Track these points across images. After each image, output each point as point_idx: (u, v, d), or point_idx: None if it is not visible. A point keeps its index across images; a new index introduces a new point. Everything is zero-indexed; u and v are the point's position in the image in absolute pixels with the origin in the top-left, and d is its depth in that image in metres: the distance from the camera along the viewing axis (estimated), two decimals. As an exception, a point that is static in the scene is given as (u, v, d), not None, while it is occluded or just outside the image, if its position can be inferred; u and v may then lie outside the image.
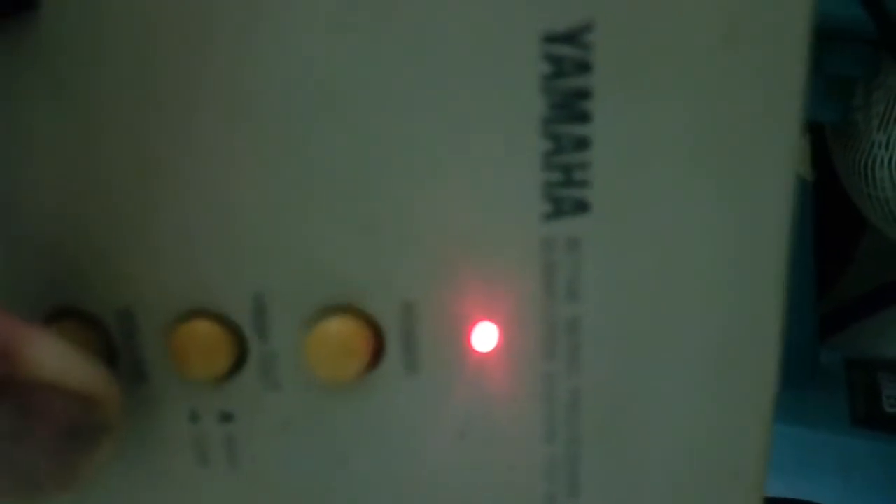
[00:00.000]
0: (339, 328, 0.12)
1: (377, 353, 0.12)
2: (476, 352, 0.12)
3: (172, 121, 0.11)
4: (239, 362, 0.12)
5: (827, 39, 0.36)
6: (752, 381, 0.12)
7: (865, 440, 0.43)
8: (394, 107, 0.11)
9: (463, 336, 0.12)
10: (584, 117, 0.11)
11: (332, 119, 0.11)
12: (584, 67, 0.11)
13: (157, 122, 0.11)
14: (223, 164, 0.11)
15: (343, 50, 0.11)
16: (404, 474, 0.13)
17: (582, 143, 0.11)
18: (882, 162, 0.41)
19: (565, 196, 0.11)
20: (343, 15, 0.11)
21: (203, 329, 0.12)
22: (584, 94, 0.11)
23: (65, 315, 0.12)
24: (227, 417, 0.12)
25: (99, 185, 0.11)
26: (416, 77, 0.11)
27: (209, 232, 0.12)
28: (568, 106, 0.11)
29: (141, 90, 0.11)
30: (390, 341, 0.12)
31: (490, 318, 0.12)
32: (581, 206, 0.11)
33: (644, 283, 0.12)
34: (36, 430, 0.10)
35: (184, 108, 0.11)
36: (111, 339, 0.12)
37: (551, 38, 0.11)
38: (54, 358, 0.10)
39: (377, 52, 0.11)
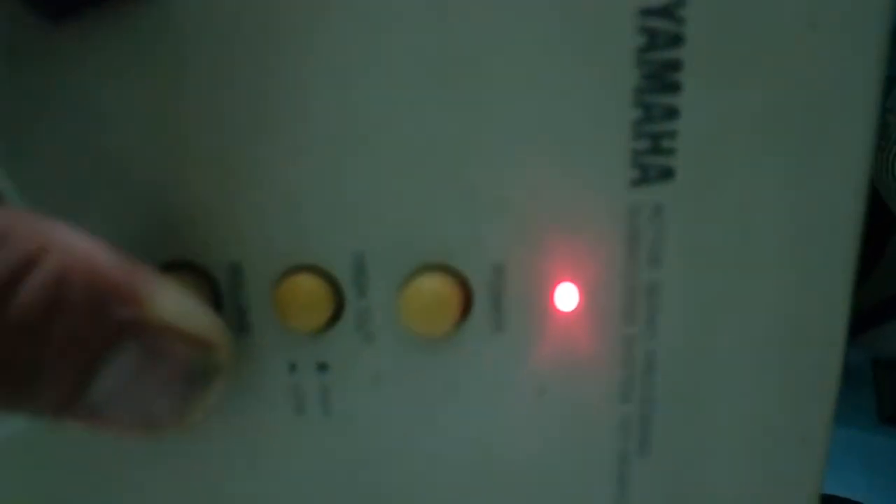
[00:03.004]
0: (432, 285, 0.12)
1: (466, 310, 0.13)
2: (559, 312, 0.13)
3: (285, 93, 0.12)
4: (336, 315, 0.13)
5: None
6: (820, 347, 0.13)
7: (891, 438, 0.43)
8: (493, 78, 0.12)
9: (547, 297, 0.13)
10: (674, 88, 0.12)
11: (434, 91, 0.12)
12: (676, 40, 0.11)
13: (271, 93, 0.12)
14: (331, 133, 0.12)
15: (445, 27, 0.11)
16: (486, 426, 0.13)
17: (671, 113, 0.12)
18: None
19: (652, 163, 0.12)
20: None
21: (306, 283, 0.12)
22: (675, 66, 0.11)
23: (177, 267, 0.13)
24: (323, 367, 0.13)
25: (214, 151, 0.12)
26: (515, 49, 0.12)
27: (316, 195, 0.12)
28: (659, 77, 0.12)
29: (255, 64, 0.12)
30: (479, 300, 0.13)
31: (574, 281, 0.13)
32: (666, 174, 0.12)
33: (722, 250, 0.13)
34: (157, 369, 0.11)
35: (296, 82, 0.12)
36: (218, 291, 0.13)
37: (647, 12, 0.11)
38: (176, 304, 0.11)
39: (478, 27, 0.11)
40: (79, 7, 0.11)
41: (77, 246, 0.10)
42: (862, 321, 0.51)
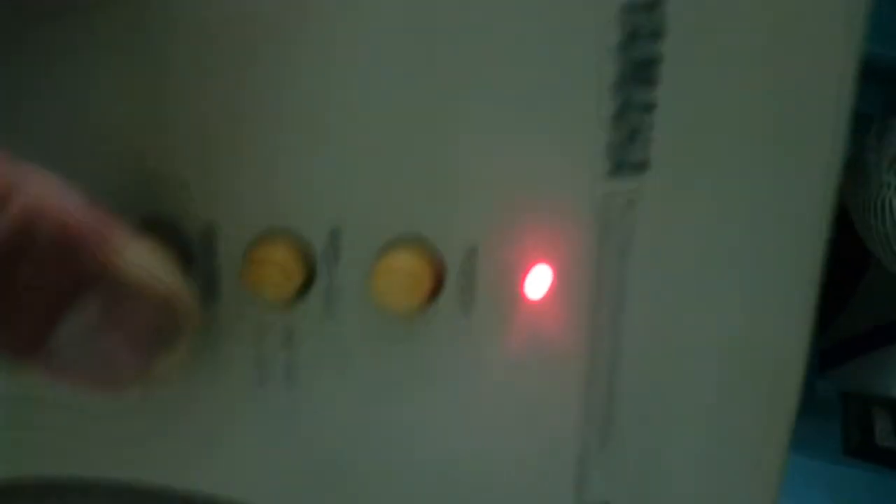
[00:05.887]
0: (405, 261, 0.12)
1: (436, 291, 0.13)
2: (528, 299, 0.13)
3: (265, 69, 0.12)
4: (306, 287, 0.13)
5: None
6: (781, 361, 0.13)
7: (857, 470, 0.43)
8: (475, 63, 0.12)
9: (518, 282, 0.13)
10: (651, 82, 0.12)
11: (416, 71, 0.12)
12: (656, 35, 0.12)
13: (251, 69, 0.12)
14: (312, 105, 0.12)
15: (429, 11, 0.12)
16: (449, 406, 0.13)
17: (647, 107, 0.12)
18: (891, 203, 0.42)
19: (626, 155, 0.12)
20: None
21: (278, 252, 0.12)
22: (654, 61, 0.12)
23: (150, 226, 0.13)
24: (289, 340, 0.13)
25: (192, 112, 0.12)
26: (499, 38, 0.12)
27: (295, 162, 0.12)
28: (638, 71, 0.12)
29: (241, 37, 0.12)
30: (450, 280, 0.13)
31: (546, 264, 0.13)
32: (640, 166, 0.12)
33: (690, 248, 0.13)
34: (121, 323, 0.11)
35: (276, 60, 0.12)
36: (190, 254, 0.13)
37: (629, 7, 0.11)
38: (145, 260, 0.11)
39: (462, 14, 0.12)
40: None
41: (48, 191, 0.10)
42: (833, 356, 0.51)
